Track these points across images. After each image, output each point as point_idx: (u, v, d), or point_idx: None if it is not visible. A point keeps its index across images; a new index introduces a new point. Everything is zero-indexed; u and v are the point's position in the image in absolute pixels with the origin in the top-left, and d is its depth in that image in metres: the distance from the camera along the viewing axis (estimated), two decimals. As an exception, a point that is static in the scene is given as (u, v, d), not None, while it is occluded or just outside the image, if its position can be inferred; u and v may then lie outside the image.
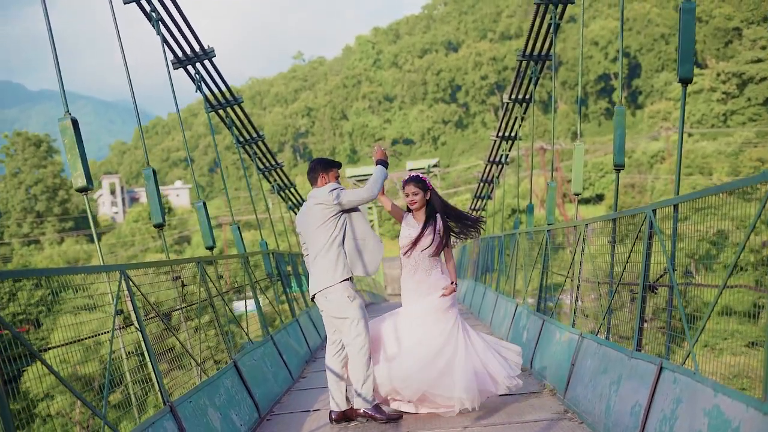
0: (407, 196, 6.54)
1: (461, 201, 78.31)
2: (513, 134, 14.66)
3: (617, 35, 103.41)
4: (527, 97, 12.92)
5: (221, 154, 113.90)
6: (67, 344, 4.80)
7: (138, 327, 5.21)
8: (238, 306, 9.83)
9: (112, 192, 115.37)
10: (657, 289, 5.03)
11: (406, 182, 6.57)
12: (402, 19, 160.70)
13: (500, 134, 15.08)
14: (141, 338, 5.22)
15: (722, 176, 59.87)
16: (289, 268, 13.77)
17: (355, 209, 6.33)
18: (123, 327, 5.13)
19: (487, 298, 14.20)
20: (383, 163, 6.47)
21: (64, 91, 5.87)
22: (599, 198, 75.83)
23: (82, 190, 6.03)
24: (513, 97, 13.03)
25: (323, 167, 6.43)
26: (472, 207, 23.16)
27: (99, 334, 4.90)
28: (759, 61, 79.68)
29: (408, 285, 6.53)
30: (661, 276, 4.98)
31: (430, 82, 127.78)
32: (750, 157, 60.57)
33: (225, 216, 78.60)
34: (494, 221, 24.63)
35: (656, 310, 7.58)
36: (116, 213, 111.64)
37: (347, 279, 6.23)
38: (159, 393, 5.22)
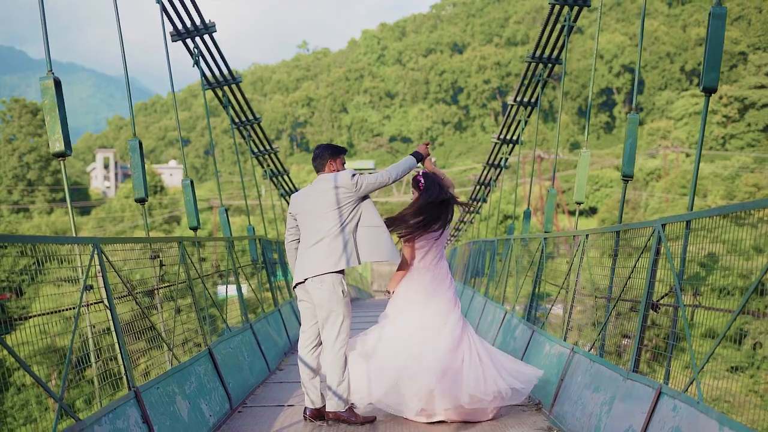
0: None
1: (454, 203, 77.97)
2: (515, 137, 14.35)
3: (623, 50, 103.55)
4: (533, 100, 12.62)
5: (219, 137, 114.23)
6: (42, 315, 4.51)
7: (107, 305, 4.90)
8: (222, 291, 9.54)
9: (106, 166, 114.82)
10: (659, 309, 4.75)
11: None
12: (409, 17, 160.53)
13: (501, 137, 14.78)
14: (110, 317, 4.91)
15: (717, 199, 59.81)
16: (276, 256, 13.45)
17: (365, 197, 6.05)
18: (90, 304, 4.81)
19: (475, 302, 13.93)
20: (418, 155, 6.29)
21: (48, 47, 5.54)
22: (592, 211, 75.74)
23: (59, 155, 5.69)
24: (518, 99, 12.72)
25: (331, 154, 6.14)
26: (466, 209, 22.88)
27: (62, 310, 4.58)
28: (762, 87, 79.71)
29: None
30: (665, 295, 4.70)
31: (433, 82, 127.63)
32: (746, 182, 60.43)
33: (217, 199, 78.28)
34: (487, 225, 24.35)
35: (649, 327, 7.26)
36: (108, 188, 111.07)
37: (342, 271, 5.94)
38: (125, 376, 4.93)
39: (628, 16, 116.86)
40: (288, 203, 17.90)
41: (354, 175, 5.94)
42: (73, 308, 4.46)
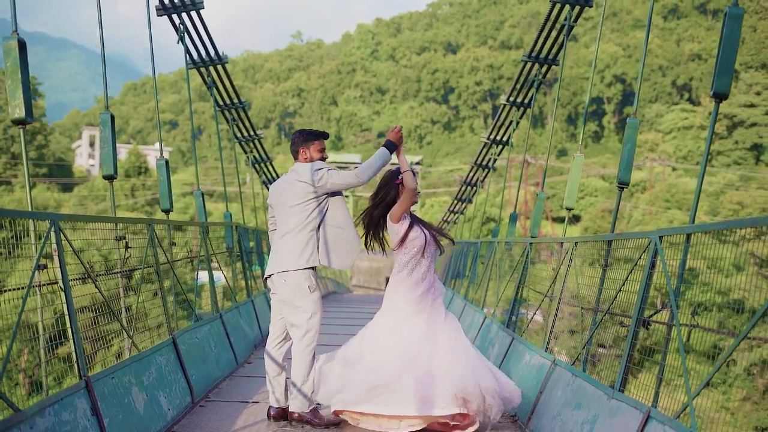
0: None
1: (439, 202, 77.93)
2: (505, 138, 14.05)
3: (615, 60, 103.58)
4: (526, 101, 12.31)
5: (207, 122, 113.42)
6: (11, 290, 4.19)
7: (62, 286, 4.56)
8: (201, 279, 9.16)
9: (91, 144, 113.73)
10: (650, 326, 4.46)
11: None
12: (405, 14, 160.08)
13: (491, 137, 14.47)
14: (63, 299, 4.58)
15: (701, 215, 59.91)
16: (253, 244, 13.10)
17: (338, 193, 5.70)
18: (42, 285, 4.47)
19: (454, 304, 13.63)
20: (391, 145, 5.73)
21: (15, 6, 5.15)
22: (575, 219, 75.63)
23: (19, 122, 5.31)
24: (511, 99, 12.39)
25: (303, 140, 5.74)
26: (451, 209, 22.60)
27: (9, 290, 4.24)
28: (752, 105, 79.80)
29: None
30: (657, 311, 4.41)
31: (425, 80, 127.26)
32: (730, 200, 60.53)
33: (201, 184, 77.72)
34: (471, 227, 24.08)
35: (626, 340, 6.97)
36: (92, 165, 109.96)
37: (312, 267, 5.62)
38: (75, 364, 4.59)
39: (623, 26, 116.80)
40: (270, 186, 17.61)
41: (319, 170, 5.56)
42: (22, 288, 4.13)
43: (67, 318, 4.58)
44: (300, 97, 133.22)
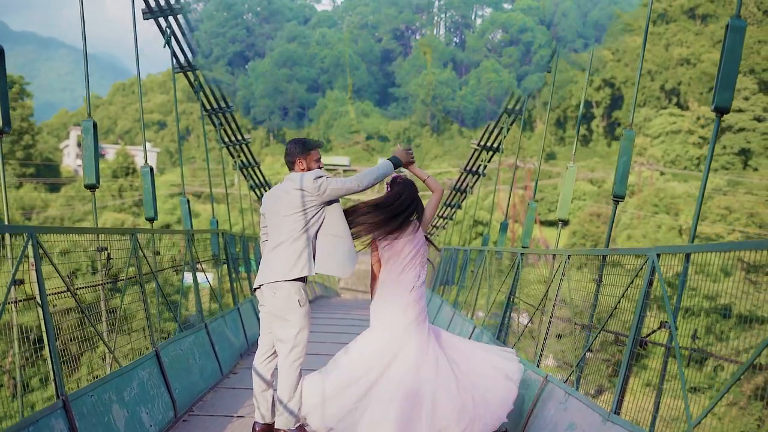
0: None
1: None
2: (495, 145, 13.94)
3: (605, 64, 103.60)
4: (518, 107, 12.23)
5: (196, 123, 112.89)
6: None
7: (39, 302, 4.41)
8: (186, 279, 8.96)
9: (79, 144, 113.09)
10: (647, 345, 4.33)
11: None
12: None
13: (482, 143, 14.37)
14: (41, 315, 4.42)
15: (688, 219, 60.07)
16: (239, 250, 12.92)
17: (334, 202, 5.55)
18: (17, 301, 4.31)
19: (443, 312, 13.47)
20: (396, 161, 5.70)
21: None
22: (564, 222, 75.57)
23: (-4, 132, 5.16)
24: (505, 106, 12.32)
25: (301, 151, 5.59)
26: (440, 214, 22.45)
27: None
28: (740, 111, 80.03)
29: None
30: (655, 331, 4.28)
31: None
32: (717, 205, 60.66)
33: (188, 185, 77.32)
34: (461, 231, 23.96)
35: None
36: (80, 165, 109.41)
37: (302, 279, 5.46)
38: (53, 383, 4.44)
39: (613, 31, 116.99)
40: (257, 196, 17.43)
41: (319, 177, 5.43)
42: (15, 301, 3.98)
43: (44, 334, 4.43)
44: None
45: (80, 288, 5.35)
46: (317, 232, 5.48)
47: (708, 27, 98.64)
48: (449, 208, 20.76)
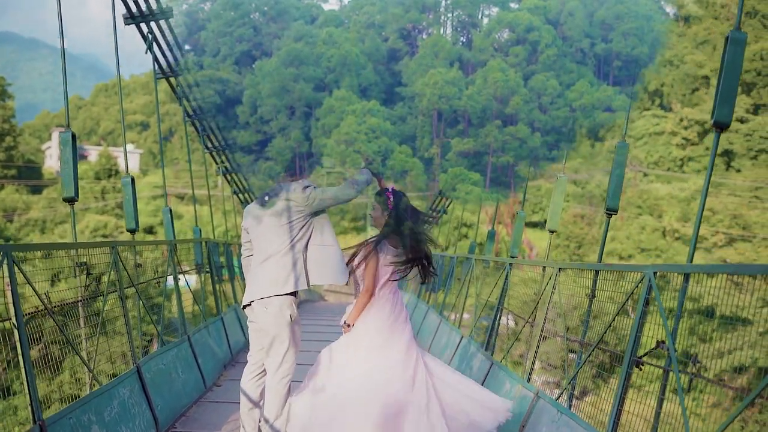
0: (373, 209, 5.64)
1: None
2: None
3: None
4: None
5: (179, 123, 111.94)
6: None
7: (14, 323, 4.25)
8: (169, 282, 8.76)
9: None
10: (643, 366, 4.22)
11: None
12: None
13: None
14: (17, 336, 4.27)
15: (672, 220, 60.30)
16: (223, 259, 12.74)
17: (321, 213, 5.42)
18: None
19: (429, 320, 13.29)
20: (374, 173, 5.65)
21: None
22: (552, 232, 75.55)
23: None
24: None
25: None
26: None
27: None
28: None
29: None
30: (651, 350, 4.17)
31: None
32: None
33: (172, 187, 76.95)
34: (447, 232, 23.86)
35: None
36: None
37: (294, 293, 5.31)
38: (29, 407, 4.28)
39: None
40: (240, 201, 17.26)
41: (307, 187, 5.32)
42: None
43: (20, 357, 4.27)
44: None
45: (58, 306, 5.18)
46: (307, 243, 5.36)
47: (691, 29, 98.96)
48: (435, 213, 20.68)
